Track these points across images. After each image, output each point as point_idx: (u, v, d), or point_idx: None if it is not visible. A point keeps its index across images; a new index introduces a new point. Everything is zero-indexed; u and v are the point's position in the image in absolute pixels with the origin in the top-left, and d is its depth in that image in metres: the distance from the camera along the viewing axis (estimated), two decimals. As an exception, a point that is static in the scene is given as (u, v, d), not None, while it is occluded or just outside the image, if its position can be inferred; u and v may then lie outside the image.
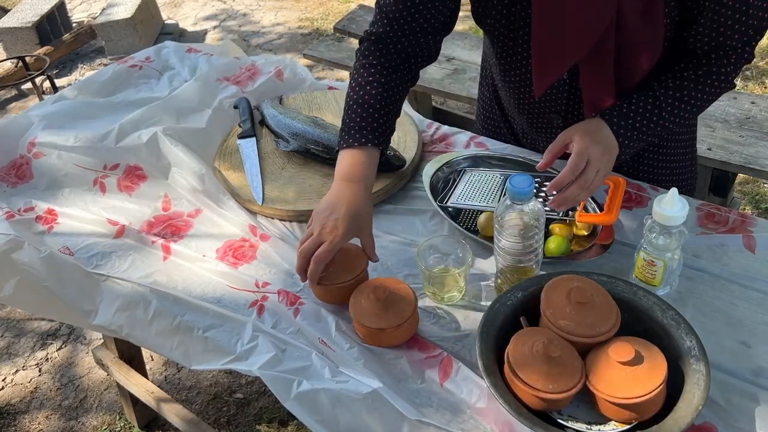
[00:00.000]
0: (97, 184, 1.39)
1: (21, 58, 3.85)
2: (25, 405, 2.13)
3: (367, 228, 1.09)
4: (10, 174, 1.45)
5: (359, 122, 1.14)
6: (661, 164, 1.31)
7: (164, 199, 1.35)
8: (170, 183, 1.36)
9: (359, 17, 3.10)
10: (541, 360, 0.85)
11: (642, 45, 1.06)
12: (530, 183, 0.93)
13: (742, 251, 1.10)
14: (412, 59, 1.20)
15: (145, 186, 1.37)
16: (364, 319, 1.00)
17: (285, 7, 4.78)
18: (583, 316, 0.89)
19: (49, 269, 1.23)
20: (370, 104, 1.14)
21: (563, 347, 0.87)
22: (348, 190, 1.09)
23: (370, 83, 1.15)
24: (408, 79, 1.20)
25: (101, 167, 1.41)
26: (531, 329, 0.92)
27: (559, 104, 1.21)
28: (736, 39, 1.04)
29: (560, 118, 1.23)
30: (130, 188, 1.37)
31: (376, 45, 1.18)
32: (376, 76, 1.16)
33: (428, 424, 0.89)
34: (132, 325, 1.17)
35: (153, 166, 1.39)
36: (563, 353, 0.86)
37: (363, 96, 1.15)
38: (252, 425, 1.99)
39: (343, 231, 1.04)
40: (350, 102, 1.16)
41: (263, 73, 1.62)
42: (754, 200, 2.67)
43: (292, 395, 0.95)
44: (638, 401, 0.82)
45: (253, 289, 1.13)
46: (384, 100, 1.15)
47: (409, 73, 1.20)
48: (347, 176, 1.11)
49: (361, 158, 1.12)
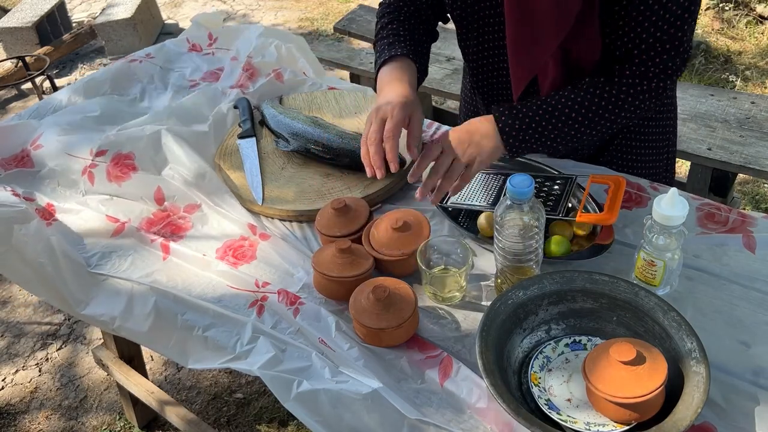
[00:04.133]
0: (86, 174, 1.36)
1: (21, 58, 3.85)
2: (25, 405, 2.13)
3: (417, 114, 1.13)
4: (11, 164, 1.45)
5: (388, 46, 1.22)
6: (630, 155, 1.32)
7: (157, 192, 1.33)
8: (164, 176, 1.34)
9: (359, 17, 3.10)
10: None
11: (582, 43, 1.09)
12: (530, 183, 0.93)
13: (742, 251, 1.10)
14: (424, 16, 1.29)
15: (136, 177, 1.34)
16: (364, 319, 1.00)
17: (285, 7, 4.78)
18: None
19: (52, 251, 1.22)
20: (394, 32, 1.25)
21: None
22: (393, 86, 1.15)
23: (390, 21, 1.26)
24: (427, 31, 1.29)
25: (88, 153, 1.39)
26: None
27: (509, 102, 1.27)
28: (650, 44, 1.04)
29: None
30: (120, 178, 1.34)
31: (392, 9, 1.29)
32: (398, 28, 1.25)
33: (428, 423, 0.89)
34: (126, 318, 1.16)
35: (147, 157, 1.37)
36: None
37: (385, 32, 1.25)
38: (252, 425, 1.99)
39: (398, 107, 1.09)
40: (377, 44, 1.27)
41: (263, 75, 1.61)
42: (754, 200, 2.67)
43: (292, 395, 0.95)
44: (638, 401, 0.82)
45: (253, 288, 1.13)
46: (406, 29, 1.26)
47: (428, 26, 1.30)
48: (388, 81, 1.17)
49: (396, 65, 1.19)
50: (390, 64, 1.20)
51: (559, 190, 1.16)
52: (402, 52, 1.20)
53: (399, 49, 1.21)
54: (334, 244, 1.10)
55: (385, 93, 1.14)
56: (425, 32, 1.29)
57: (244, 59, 1.64)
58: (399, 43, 1.22)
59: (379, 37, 1.27)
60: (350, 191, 1.29)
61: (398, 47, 1.21)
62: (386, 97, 1.12)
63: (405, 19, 1.27)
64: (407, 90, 1.14)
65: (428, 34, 1.30)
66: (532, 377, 0.93)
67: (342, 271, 1.07)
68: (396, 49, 1.21)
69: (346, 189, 1.30)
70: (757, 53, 3.53)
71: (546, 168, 1.26)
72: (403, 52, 1.20)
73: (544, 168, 1.26)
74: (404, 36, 1.24)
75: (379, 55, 1.23)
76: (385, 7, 1.31)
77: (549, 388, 0.92)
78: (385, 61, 1.20)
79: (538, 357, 0.96)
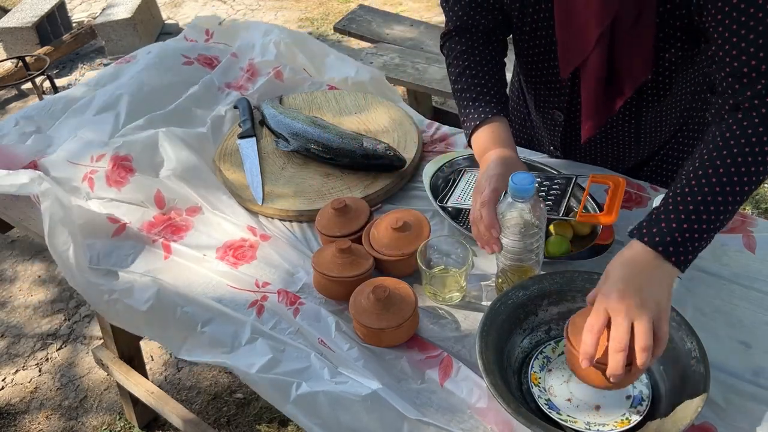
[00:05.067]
0: (86, 180, 1.36)
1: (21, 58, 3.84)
2: (25, 405, 2.13)
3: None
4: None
5: (473, 104, 1.14)
6: (677, 167, 1.28)
7: (156, 195, 1.32)
8: (162, 179, 1.33)
9: (359, 17, 3.10)
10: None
11: (631, 50, 1.04)
12: (532, 181, 0.93)
13: (742, 251, 1.10)
14: (493, 34, 1.20)
15: (134, 180, 1.33)
16: (364, 319, 1.00)
17: (285, 7, 4.78)
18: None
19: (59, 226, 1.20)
20: (475, 84, 1.16)
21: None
22: (492, 154, 1.08)
23: (468, 67, 1.17)
24: (500, 49, 1.22)
25: (88, 160, 1.39)
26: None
27: (561, 101, 1.22)
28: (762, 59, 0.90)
29: (562, 115, 1.24)
30: (120, 183, 1.33)
31: (458, 36, 1.21)
32: (469, 60, 1.18)
33: (428, 424, 0.89)
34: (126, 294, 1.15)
35: (145, 160, 1.36)
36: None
37: (466, 81, 1.17)
38: (252, 425, 1.99)
39: (497, 176, 1.02)
40: (459, 93, 1.18)
41: (262, 74, 1.61)
42: (754, 200, 2.67)
43: (290, 399, 0.95)
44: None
45: (253, 288, 1.13)
46: (487, 74, 1.16)
47: (499, 44, 1.22)
48: (486, 149, 1.10)
49: (491, 130, 1.12)
50: (483, 128, 1.12)
51: (559, 190, 1.16)
52: (492, 111, 1.12)
53: (487, 107, 1.13)
54: (334, 244, 1.10)
55: (485, 163, 1.08)
56: (500, 58, 1.20)
57: (246, 62, 1.64)
58: (485, 96, 1.14)
59: (459, 87, 1.18)
60: (350, 191, 1.29)
61: (485, 104, 1.13)
62: (487, 170, 1.05)
63: (479, 54, 1.17)
64: (507, 153, 1.07)
65: (503, 55, 1.22)
66: (532, 377, 0.93)
67: (342, 271, 1.07)
68: (484, 107, 1.13)
69: (346, 189, 1.30)
70: (757, 53, 3.52)
71: (546, 168, 1.26)
72: (493, 110, 1.12)
73: (544, 168, 1.26)
74: (486, 85, 1.15)
75: (466, 113, 1.15)
76: (455, 44, 1.20)
77: (549, 388, 0.92)
78: (477, 126, 1.12)
79: (538, 357, 0.96)
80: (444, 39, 1.23)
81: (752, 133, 0.89)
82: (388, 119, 1.47)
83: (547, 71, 1.19)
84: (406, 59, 2.70)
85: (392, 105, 1.52)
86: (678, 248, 0.86)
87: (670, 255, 0.86)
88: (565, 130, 1.27)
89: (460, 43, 1.20)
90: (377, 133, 1.43)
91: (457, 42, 1.20)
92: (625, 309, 0.81)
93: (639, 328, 0.80)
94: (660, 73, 1.09)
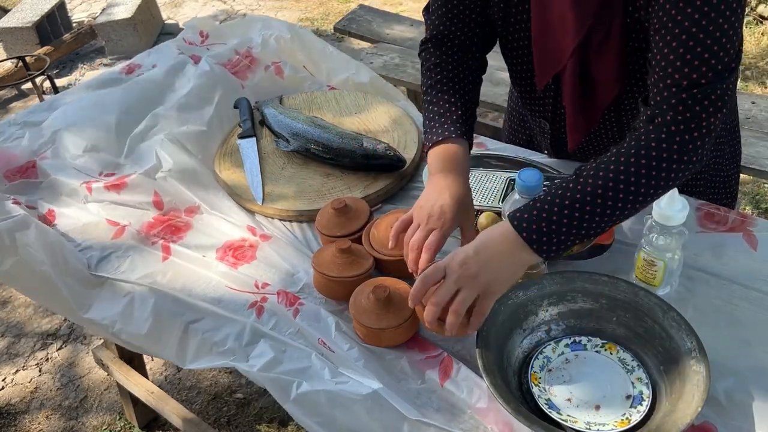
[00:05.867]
0: (84, 184, 1.36)
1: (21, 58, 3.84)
2: (25, 405, 2.13)
3: (470, 218, 1.05)
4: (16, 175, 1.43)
5: (438, 119, 1.11)
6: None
7: (154, 196, 1.32)
8: (159, 180, 1.33)
9: (359, 17, 3.10)
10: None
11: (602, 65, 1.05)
12: (539, 177, 0.93)
13: (743, 251, 1.10)
14: (469, 50, 1.17)
15: (132, 182, 1.33)
16: (364, 319, 1.00)
17: (285, 7, 4.78)
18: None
19: (53, 255, 1.21)
20: (444, 100, 1.13)
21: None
22: (446, 180, 1.04)
23: (439, 81, 1.15)
24: (475, 67, 1.18)
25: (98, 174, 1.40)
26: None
27: (545, 110, 1.22)
28: (685, 73, 0.87)
29: (548, 123, 1.25)
30: (118, 187, 1.33)
31: (435, 45, 1.17)
32: (443, 74, 1.15)
33: (428, 424, 0.89)
34: (125, 321, 1.16)
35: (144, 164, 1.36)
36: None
37: (436, 95, 1.14)
38: (252, 425, 1.99)
39: (451, 216, 1.00)
40: (426, 105, 1.15)
41: (261, 65, 1.60)
42: (754, 200, 2.66)
43: (291, 397, 0.95)
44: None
45: (252, 290, 1.13)
46: (457, 92, 1.14)
47: (475, 62, 1.18)
48: (442, 169, 1.07)
49: (451, 150, 1.08)
50: (444, 146, 1.08)
51: (559, 190, 1.16)
52: (456, 132, 1.08)
53: (452, 126, 1.09)
54: (334, 244, 1.10)
55: (439, 187, 1.03)
56: (475, 77, 1.18)
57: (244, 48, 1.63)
58: (451, 115, 1.10)
59: (428, 99, 1.15)
60: (350, 191, 1.29)
61: (451, 123, 1.10)
62: (439, 198, 1.02)
63: (454, 70, 1.15)
64: (461, 189, 1.03)
65: (478, 73, 1.19)
66: (532, 377, 0.93)
67: (342, 271, 1.07)
68: (449, 126, 1.09)
69: (346, 189, 1.30)
70: (757, 53, 3.53)
71: (546, 168, 1.26)
72: (458, 131, 1.08)
73: (545, 168, 1.26)
74: (455, 104, 1.12)
75: (429, 126, 1.11)
76: (430, 55, 1.17)
77: (549, 388, 0.92)
78: (438, 142, 1.09)
79: (538, 357, 0.96)
80: (422, 47, 1.21)
81: (654, 147, 0.88)
82: (388, 119, 1.47)
83: (531, 82, 1.19)
84: (406, 59, 2.70)
85: (392, 105, 1.52)
86: (542, 237, 0.88)
87: (532, 242, 0.89)
88: (552, 137, 1.27)
89: (435, 55, 1.16)
90: (377, 133, 1.43)
91: (432, 54, 1.17)
92: (458, 275, 0.89)
93: (458, 297, 0.89)
94: (633, 83, 1.09)
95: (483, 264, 0.89)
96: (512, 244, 0.90)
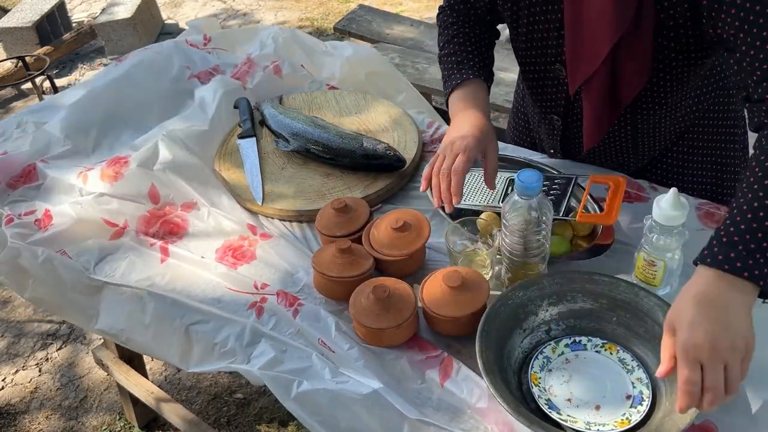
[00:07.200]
0: (81, 177, 1.34)
1: (21, 58, 3.84)
2: (25, 405, 2.13)
3: (493, 147, 1.09)
4: (18, 183, 1.41)
5: (456, 66, 1.17)
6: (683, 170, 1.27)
7: (151, 189, 1.31)
8: (156, 172, 1.31)
9: (359, 17, 3.10)
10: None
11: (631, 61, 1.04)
12: (538, 178, 0.93)
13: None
14: (487, 16, 1.24)
15: (128, 174, 1.31)
16: (364, 319, 1.00)
17: (285, 6, 4.78)
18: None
19: (48, 273, 1.22)
20: (461, 50, 1.20)
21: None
22: (465, 114, 1.10)
23: (456, 34, 1.22)
24: (488, 31, 1.25)
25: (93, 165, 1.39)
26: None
27: (558, 105, 1.22)
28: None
29: (560, 120, 1.24)
30: (113, 177, 1.31)
31: (451, 8, 1.26)
32: (459, 29, 1.22)
33: (428, 423, 0.90)
34: (131, 329, 1.17)
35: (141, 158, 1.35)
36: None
37: (452, 48, 1.21)
38: (252, 425, 1.99)
39: (474, 141, 1.04)
40: (444, 58, 1.22)
41: (260, 67, 1.61)
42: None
43: (291, 395, 0.95)
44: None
45: (252, 291, 1.13)
46: (473, 43, 1.21)
47: (489, 27, 1.25)
48: (462, 108, 1.12)
49: (469, 90, 1.15)
50: (462, 88, 1.15)
51: (559, 190, 1.16)
52: (474, 74, 1.15)
53: (470, 70, 1.16)
54: (334, 244, 1.10)
55: (460, 123, 1.09)
56: (489, 36, 1.25)
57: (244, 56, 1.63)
58: (468, 61, 1.17)
59: (445, 52, 1.22)
60: (350, 191, 1.29)
61: (468, 68, 1.16)
62: (461, 130, 1.07)
63: (470, 28, 1.22)
64: (482, 120, 1.08)
65: (492, 37, 1.26)
66: (532, 377, 0.93)
67: (342, 271, 1.07)
68: (467, 70, 1.16)
69: (346, 189, 1.30)
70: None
71: (546, 168, 1.26)
72: (475, 73, 1.15)
73: (545, 168, 1.26)
74: (472, 51, 1.19)
75: (448, 74, 1.18)
76: (447, 17, 1.25)
77: (549, 388, 0.92)
78: (458, 85, 1.15)
79: (538, 357, 0.96)
80: (440, 11, 1.28)
81: None
82: (388, 119, 1.47)
83: (544, 75, 1.19)
84: (406, 59, 2.70)
85: (392, 105, 1.52)
86: (747, 261, 0.79)
87: (742, 270, 0.79)
88: (563, 135, 1.26)
89: (452, 16, 1.25)
90: (377, 133, 1.43)
91: (448, 15, 1.25)
92: (719, 355, 0.77)
93: (730, 375, 0.77)
94: (655, 83, 1.09)
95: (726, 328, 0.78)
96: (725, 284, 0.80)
